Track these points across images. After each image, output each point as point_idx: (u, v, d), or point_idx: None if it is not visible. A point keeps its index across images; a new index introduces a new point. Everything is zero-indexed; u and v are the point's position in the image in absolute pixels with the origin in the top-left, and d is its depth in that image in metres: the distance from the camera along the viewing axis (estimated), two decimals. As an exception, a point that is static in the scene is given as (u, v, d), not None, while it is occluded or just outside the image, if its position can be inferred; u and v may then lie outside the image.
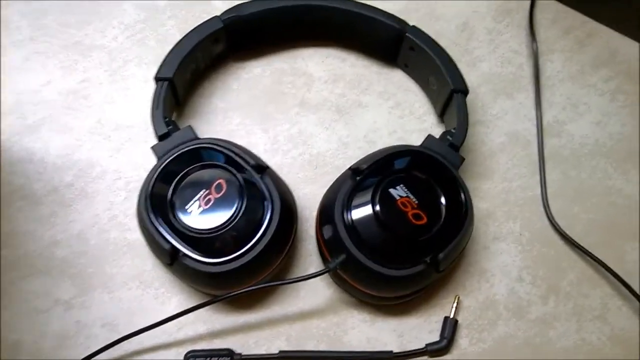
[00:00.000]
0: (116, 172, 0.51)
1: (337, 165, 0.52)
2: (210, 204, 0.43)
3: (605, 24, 0.59)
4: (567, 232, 0.51)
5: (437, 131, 0.53)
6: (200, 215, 0.43)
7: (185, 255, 0.42)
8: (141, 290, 0.48)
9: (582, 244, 0.50)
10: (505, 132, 0.55)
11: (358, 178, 0.45)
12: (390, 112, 0.55)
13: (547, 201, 0.52)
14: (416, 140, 0.50)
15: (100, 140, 0.52)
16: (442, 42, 0.50)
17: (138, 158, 0.51)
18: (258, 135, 0.53)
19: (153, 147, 0.46)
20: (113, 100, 0.54)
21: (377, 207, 0.43)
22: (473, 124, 0.54)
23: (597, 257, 0.50)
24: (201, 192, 0.43)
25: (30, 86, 0.53)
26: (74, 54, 0.55)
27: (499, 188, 0.53)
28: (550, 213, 0.52)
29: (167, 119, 0.47)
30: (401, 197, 0.44)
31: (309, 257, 0.50)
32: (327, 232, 0.45)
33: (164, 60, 0.48)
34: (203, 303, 0.44)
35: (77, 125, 0.53)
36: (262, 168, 0.45)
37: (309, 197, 0.51)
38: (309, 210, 0.51)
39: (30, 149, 0.51)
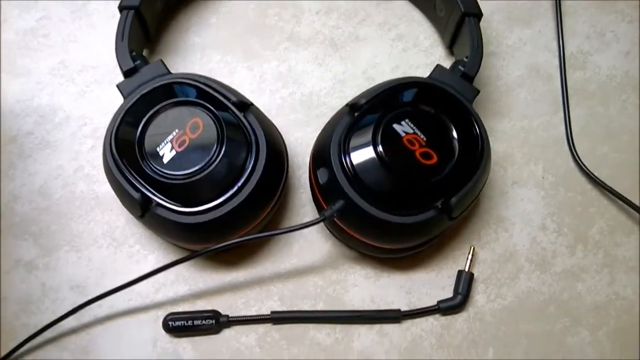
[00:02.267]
0: (82, 118, 0.45)
1: (333, 105, 0.46)
2: (185, 146, 0.37)
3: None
4: (596, 174, 0.45)
5: (446, 64, 0.46)
6: (174, 159, 0.37)
7: (158, 204, 0.37)
8: (113, 249, 0.43)
9: (612, 187, 0.44)
10: (524, 64, 0.48)
11: (357, 114, 0.39)
12: (392, 45, 0.48)
13: (572, 140, 0.46)
14: (422, 75, 0.44)
15: (63, 83, 0.46)
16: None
17: (106, 102, 0.45)
18: (242, 74, 0.47)
19: (119, 85, 0.40)
20: (76, 39, 0.48)
21: (380, 146, 0.37)
22: (487, 56, 0.48)
23: (629, 201, 0.44)
24: (174, 133, 0.37)
25: (-18, 25, 0.47)
26: (32, -12, 0.49)
27: (517, 127, 0.47)
28: (577, 153, 0.46)
29: (134, 53, 0.40)
30: (407, 133, 0.38)
31: (303, 208, 0.44)
32: (322, 176, 0.39)
33: (129, -14, 0.42)
34: (181, 259, 0.39)
35: (37, 68, 0.47)
36: (244, 105, 0.39)
37: (301, 141, 0.45)
38: (302, 157, 0.45)
39: (-16, 94, 0.46)
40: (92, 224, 0.43)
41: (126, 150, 0.37)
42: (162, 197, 0.37)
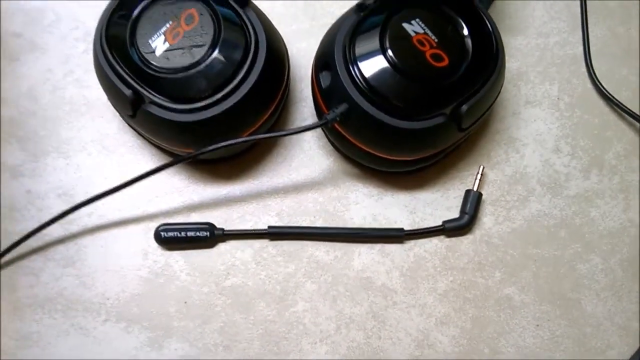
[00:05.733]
0: (73, 20, 0.43)
1: (339, 15, 0.43)
2: (179, 38, 0.35)
3: None
4: (614, 95, 0.43)
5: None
6: (167, 52, 0.34)
7: (150, 101, 0.34)
8: (103, 157, 0.41)
9: (631, 109, 0.42)
10: (542, -22, 0.45)
11: (363, 14, 0.37)
12: (403, -46, 0.45)
13: (590, 61, 0.44)
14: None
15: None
16: None
17: (101, 4, 0.42)
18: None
19: (111, -23, 0.37)
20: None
21: (387, 45, 0.35)
22: (503, -31, 0.45)
23: (649, 124, 0.42)
24: (168, 25, 0.35)
25: None
26: None
27: (532, 44, 0.44)
28: (594, 74, 0.43)
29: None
30: (417, 33, 0.35)
31: (304, 122, 0.42)
32: (325, 79, 0.37)
33: None
34: (172, 161, 0.36)
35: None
36: (244, 1, 0.37)
37: (304, 52, 0.43)
38: (305, 69, 0.43)
39: (-31, -7, 0.43)
40: (82, 130, 0.41)
41: (117, 44, 0.35)
42: (154, 94, 0.34)
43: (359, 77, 0.35)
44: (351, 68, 0.35)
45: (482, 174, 0.41)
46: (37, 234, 0.38)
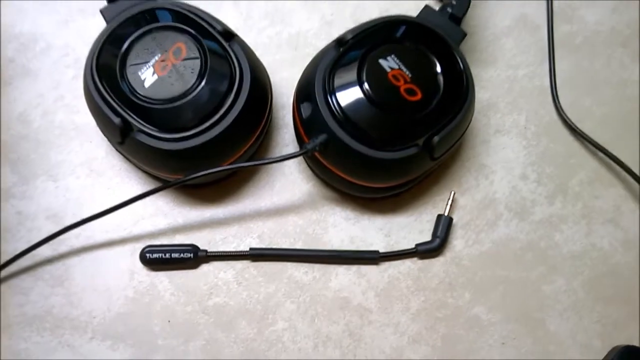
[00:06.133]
0: (64, 47, 0.45)
1: (320, 46, 0.45)
2: (167, 70, 0.37)
3: None
4: (578, 125, 0.45)
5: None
6: (156, 83, 0.36)
7: (138, 130, 0.36)
8: (91, 180, 0.42)
9: (594, 139, 0.45)
10: (512, 15, 0.48)
11: (342, 49, 0.39)
12: (381, -12, 0.48)
13: (556, 92, 0.46)
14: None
15: (45, 11, 0.45)
16: None
17: (90, 32, 0.44)
18: (227, 10, 0.46)
19: (102, 10, 0.39)
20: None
21: (365, 80, 0.37)
22: (475, 5, 0.47)
23: (611, 154, 0.44)
24: (156, 57, 0.37)
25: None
26: None
27: (502, 76, 0.47)
28: (560, 105, 0.46)
29: (118, -21, 0.40)
30: (392, 69, 0.38)
31: (286, 148, 0.44)
32: (306, 110, 0.39)
33: None
34: (159, 187, 0.38)
35: (19, -6, 0.46)
36: (229, 35, 0.39)
37: (286, 81, 0.45)
38: (287, 97, 0.45)
39: (-37, 19, 0.45)
40: (71, 154, 0.43)
41: (107, 74, 0.37)
42: (143, 123, 0.36)
43: (338, 109, 0.37)
44: (330, 100, 0.37)
45: (453, 199, 0.43)
46: (27, 255, 0.39)
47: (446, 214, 0.43)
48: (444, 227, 0.43)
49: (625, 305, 0.43)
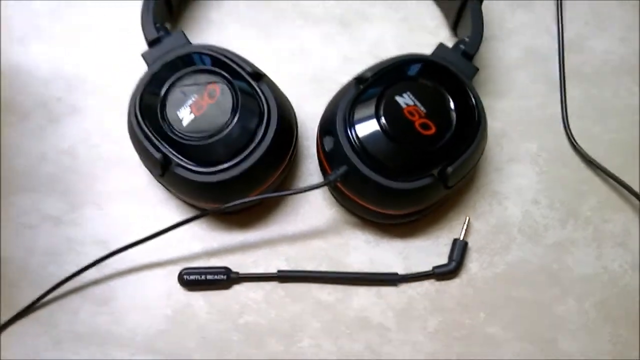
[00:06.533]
0: (108, 86, 0.49)
1: (341, 81, 0.48)
2: (203, 110, 0.40)
3: None
4: (589, 153, 0.47)
5: (450, 45, 0.49)
6: (192, 122, 0.40)
7: (177, 164, 0.40)
8: (134, 208, 0.46)
9: (604, 166, 0.47)
10: (524, 47, 0.51)
11: (362, 86, 0.42)
12: (398, 25, 0.51)
13: (567, 120, 0.49)
14: (429, 53, 0.46)
15: (91, 54, 0.49)
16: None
17: (132, 71, 0.48)
18: (256, 49, 0.50)
19: (143, 54, 0.43)
20: (105, 13, 0.51)
21: (382, 115, 0.40)
22: (489, 39, 0.50)
23: (620, 180, 0.46)
24: (193, 98, 0.40)
25: (18, -3, 0.51)
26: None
27: (515, 106, 0.49)
28: (571, 133, 0.48)
29: (157, 25, 0.44)
30: (408, 105, 0.41)
31: (311, 177, 0.47)
32: (328, 143, 0.42)
33: (156, -37, 0.45)
34: (196, 215, 0.42)
35: (67, 37, 0.50)
36: (258, 75, 0.42)
37: (311, 114, 0.48)
38: (311, 129, 0.48)
39: (18, 62, 0.49)
40: (116, 184, 0.46)
41: (149, 114, 0.41)
42: (181, 158, 0.40)
43: (357, 143, 0.40)
44: (350, 135, 0.41)
45: (468, 224, 0.46)
46: (76, 277, 0.43)
47: (462, 238, 0.45)
48: (459, 251, 0.45)
49: (635, 326, 0.45)
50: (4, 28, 0.50)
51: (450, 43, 0.45)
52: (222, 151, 0.40)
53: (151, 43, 0.43)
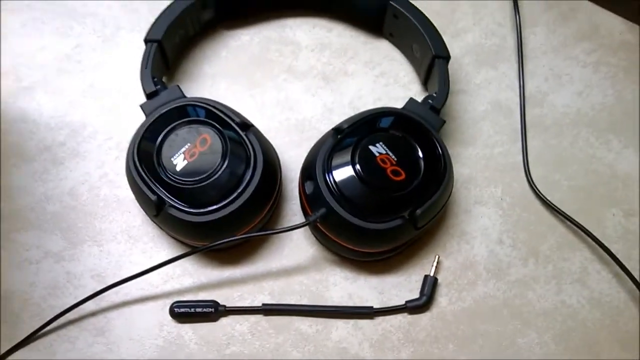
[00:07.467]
0: (107, 132, 0.53)
1: (322, 130, 0.53)
2: (195, 157, 0.44)
3: None
4: (548, 197, 0.52)
5: (421, 98, 0.54)
6: (185, 168, 0.44)
7: (170, 205, 0.44)
8: (130, 245, 0.50)
9: (562, 209, 0.51)
10: (488, 101, 0.55)
11: (339, 136, 0.47)
12: (375, 80, 0.56)
13: (528, 167, 0.53)
14: (400, 106, 0.51)
15: (92, 103, 0.54)
16: (427, 14, 0.51)
17: (129, 120, 0.52)
18: (245, 100, 0.54)
19: (141, 105, 0.48)
20: (105, 66, 0.55)
21: (357, 163, 0.45)
22: (457, 93, 0.55)
23: (577, 222, 0.50)
24: (186, 146, 0.45)
25: (26, 50, 0.55)
26: (69, 21, 0.56)
27: (480, 154, 0.54)
28: (532, 179, 0.53)
29: (155, 79, 0.48)
30: (380, 154, 0.45)
31: (294, 217, 0.51)
32: (309, 187, 0.46)
33: (154, 23, 0.49)
34: (186, 253, 0.46)
35: (70, 88, 0.54)
36: (246, 126, 0.47)
37: (294, 159, 0.52)
38: (294, 172, 0.52)
39: (25, 109, 0.53)
40: (113, 222, 0.50)
41: (146, 159, 0.45)
42: (174, 199, 0.44)
43: (335, 187, 0.44)
44: (329, 180, 0.45)
45: (438, 262, 0.50)
46: (74, 309, 0.46)
47: (432, 274, 0.49)
48: (430, 286, 0.49)
49: (592, 357, 0.48)
50: (13, 77, 0.54)
51: (421, 97, 0.50)
52: (212, 194, 0.44)
53: (149, 95, 0.48)
